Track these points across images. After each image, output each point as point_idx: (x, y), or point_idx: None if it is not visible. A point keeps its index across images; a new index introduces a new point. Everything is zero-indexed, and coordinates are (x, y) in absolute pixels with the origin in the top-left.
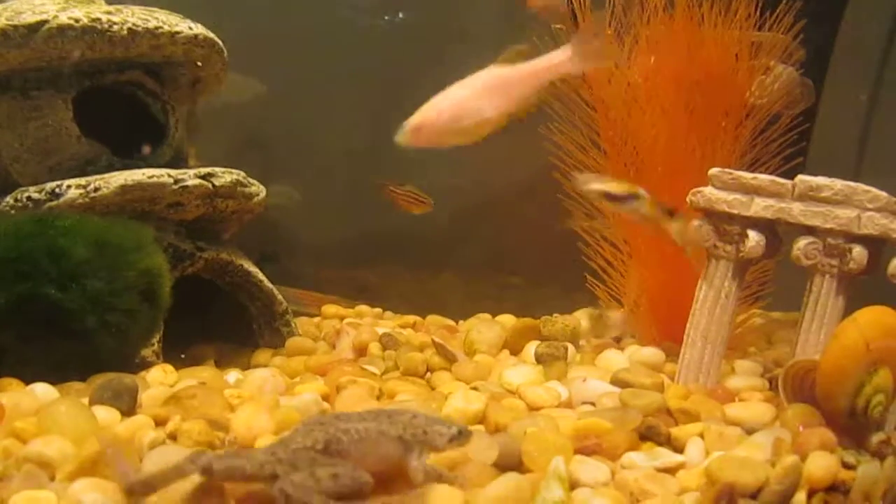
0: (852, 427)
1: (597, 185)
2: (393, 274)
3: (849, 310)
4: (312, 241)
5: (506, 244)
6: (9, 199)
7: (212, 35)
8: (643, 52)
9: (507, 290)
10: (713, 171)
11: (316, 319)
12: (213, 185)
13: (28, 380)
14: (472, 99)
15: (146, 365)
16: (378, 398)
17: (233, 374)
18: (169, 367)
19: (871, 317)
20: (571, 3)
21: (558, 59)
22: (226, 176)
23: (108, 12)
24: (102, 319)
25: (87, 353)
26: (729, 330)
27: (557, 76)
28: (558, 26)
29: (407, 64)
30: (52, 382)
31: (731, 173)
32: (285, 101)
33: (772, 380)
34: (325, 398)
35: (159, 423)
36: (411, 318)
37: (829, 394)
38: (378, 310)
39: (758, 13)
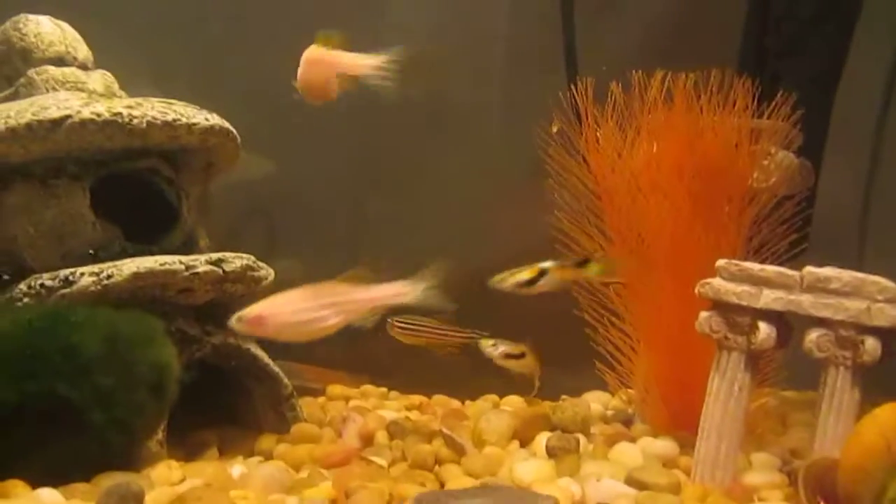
0: None
1: (509, 280)
2: (397, 347)
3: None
4: None
5: (511, 318)
6: (22, 286)
7: (227, 124)
8: (645, 142)
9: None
10: (720, 262)
11: (320, 400)
12: (224, 271)
13: (31, 478)
14: (310, 306)
15: (151, 457)
16: (388, 503)
17: (237, 467)
18: (174, 463)
19: (891, 415)
20: (574, 96)
21: (397, 291)
22: (236, 261)
23: (129, 106)
24: (110, 416)
25: (92, 450)
26: (744, 423)
27: (392, 303)
28: (556, 128)
29: (408, 140)
30: (56, 482)
31: (738, 265)
32: (289, 175)
33: (790, 473)
34: (334, 503)
35: None
36: (417, 399)
37: (851, 495)
38: (383, 389)
39: (755, 103)
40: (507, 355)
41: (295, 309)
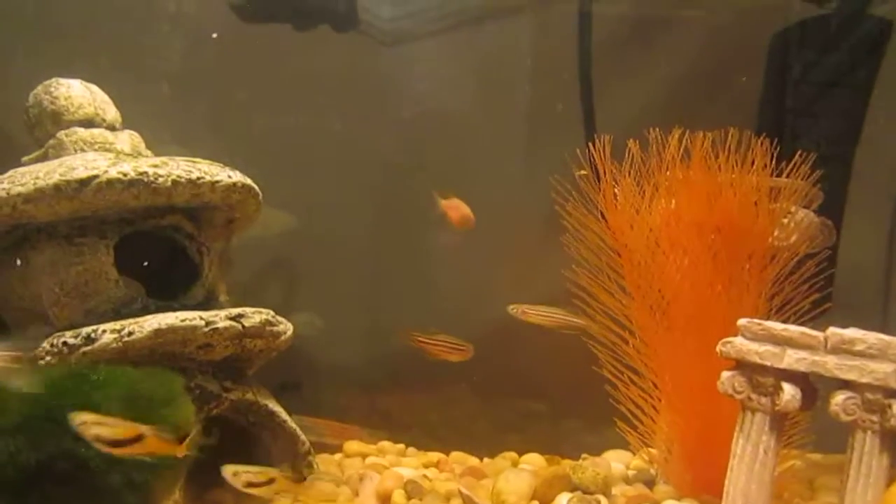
0: None
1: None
2: (415, 401)
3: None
4: (334, 368)
5: (530, 369)
6: (45, 345)
7: (249, 181)
8: (663, 199)
9: (532, 420)
10: (742, 321)
11: (337, 457)
12: (243, 326)
13: None
14: None
15: None
16: None
17: None
18: None
19: None
20: (592, 154)
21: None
22: (255, 316)
23: (155, 165)
24: (127, 477)
25: None
26: (770, 487)
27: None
28: (581, 173)
29: (428, 196)
30: None
31: (760, 324)
32: (309, 230)
33: None
34: None
35: None
36: (435, 456)
37: None
38: (401, 446)
39: (773, 162)
40: (250, 484)
41: None
